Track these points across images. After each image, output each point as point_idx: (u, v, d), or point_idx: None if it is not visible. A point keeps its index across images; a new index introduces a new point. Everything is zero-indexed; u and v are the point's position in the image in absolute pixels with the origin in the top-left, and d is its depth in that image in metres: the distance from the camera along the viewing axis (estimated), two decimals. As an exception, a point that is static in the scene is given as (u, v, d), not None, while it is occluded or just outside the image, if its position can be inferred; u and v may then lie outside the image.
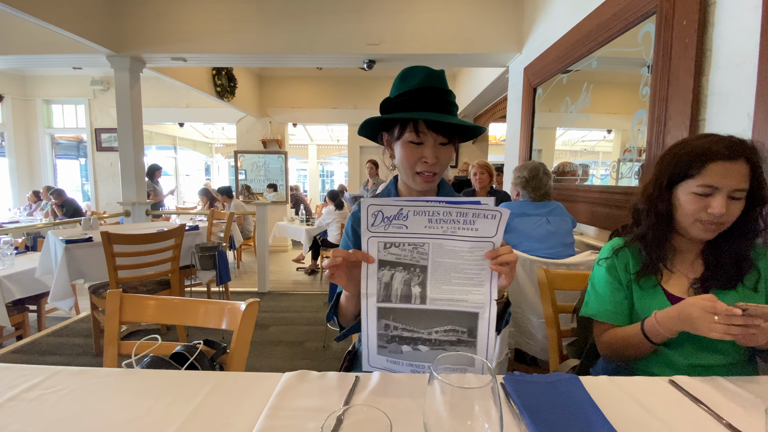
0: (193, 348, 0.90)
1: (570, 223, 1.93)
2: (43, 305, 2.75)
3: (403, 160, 0.87)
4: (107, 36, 3.33)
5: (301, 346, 2.72)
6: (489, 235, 0.68)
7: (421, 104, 0.83)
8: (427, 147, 0.84)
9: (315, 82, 6.59)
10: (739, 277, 0.86)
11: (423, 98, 0.83)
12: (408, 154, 0.86)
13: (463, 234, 0.69)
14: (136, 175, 3.75)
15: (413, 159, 0.86)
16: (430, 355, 0.73)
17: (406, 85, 0.85)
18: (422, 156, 0.85)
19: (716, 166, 0.80)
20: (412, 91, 0.83)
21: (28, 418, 0.61)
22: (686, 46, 1.39)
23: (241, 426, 0.59)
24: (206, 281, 3.24)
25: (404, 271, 0.72)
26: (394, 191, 0.99)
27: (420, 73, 0.84)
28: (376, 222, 0.71)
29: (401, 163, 0.89)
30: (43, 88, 6.58)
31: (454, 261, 0.70)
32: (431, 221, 0.69)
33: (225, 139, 10.23)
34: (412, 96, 0.83)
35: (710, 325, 0.71)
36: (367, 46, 3.36)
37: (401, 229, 0.70)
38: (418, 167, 0.87)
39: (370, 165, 5.07)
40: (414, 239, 0.71)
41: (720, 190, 0.80)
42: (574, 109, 2.34)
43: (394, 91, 0.87)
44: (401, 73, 0.87)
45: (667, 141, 1.49)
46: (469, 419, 0.44)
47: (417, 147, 0.85)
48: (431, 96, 0.83)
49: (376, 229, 0.71)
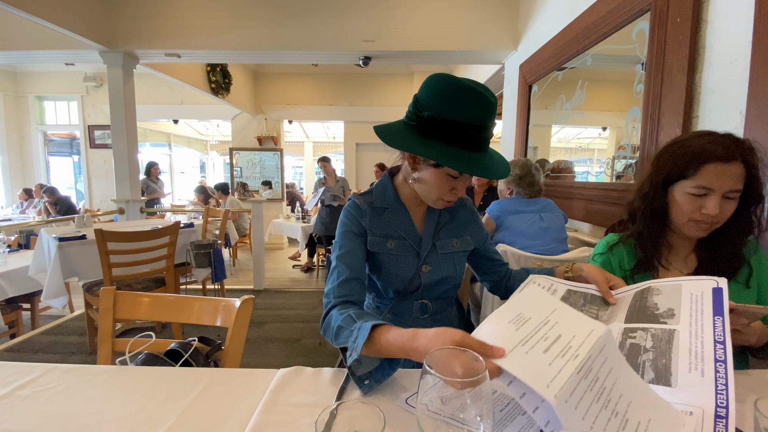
0: (188, 345, 0.90)
1: (562, 219, 1.95)
2: (36, 303, 2.73)
3: (435, 188, 0.85)
4: (100, 31, 3.29)
5: (297, 344, 2.72)
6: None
7: (475, 143, 0.77)
8: (462, 181, 0.84)
9: (310, 78, 6.56)
10: (731, 273, 0.86)
11: (478, 138, 0.77)
12: (441, 183, 0.84)
13: None
14: (130, 172, 3.72)
15: (445, 188, 0.84)
16: None
17: (461, 109, 0.74)
18: (454, 188, 0.84)
19: (712, 167, 0.80)
20: (471, 126, 0.75)
21: (21, 415, 0.61)
22: (680, 43, 1.40)
23: (235, 422, 0.59)
24: (202, 279, 3.23)
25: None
26: (392, 188, 0.96)
27: (481, 103, 0.75)
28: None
29: (429, 188, 0.86)
30: (35, 85, 6.51)
31: None
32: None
33: (220, 136, 10.18)
34: (469, 132, 0.75)
35: None
36: (363, 42, 3.35)
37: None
38: (447, 196, 0.86)
39: (377, 169, 5.22)
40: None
41: (715, 192, 0.80)
42: (569, 106, 2.35)
43: (442, 108, 0.75)
44: (453, 88, 0.75)
45: (661, 138, 1.50)
46: (461, 412, 0.45)
47: (453, 180, 0.83)
48: (484, 133, 0.77)
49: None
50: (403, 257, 0.93)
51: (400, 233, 0.94)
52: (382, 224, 0.93)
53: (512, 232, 1.88)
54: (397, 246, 0.93)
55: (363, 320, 0.70)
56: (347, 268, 0.86)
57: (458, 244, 0.98)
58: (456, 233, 0.99)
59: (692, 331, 0.61)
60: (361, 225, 0.93)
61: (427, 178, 0.85)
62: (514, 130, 3.20)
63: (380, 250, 0.92)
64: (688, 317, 0.64)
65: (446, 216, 0.99)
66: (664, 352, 0.61)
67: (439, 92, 0.76)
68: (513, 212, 1.91)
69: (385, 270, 0.94)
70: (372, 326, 0.65)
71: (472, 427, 0.45)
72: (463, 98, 0.75)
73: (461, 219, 1.02)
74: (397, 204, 0.95)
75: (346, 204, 0.96)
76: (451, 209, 1.00)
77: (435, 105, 0.76)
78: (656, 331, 0.64)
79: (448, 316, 1.02)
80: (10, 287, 2.40)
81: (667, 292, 0.70)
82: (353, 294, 0.83)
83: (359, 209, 0.94)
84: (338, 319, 0.75)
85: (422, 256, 0.94)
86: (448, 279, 0.96)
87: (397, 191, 0.96)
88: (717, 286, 0.65)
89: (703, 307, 0.63)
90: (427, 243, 0.95)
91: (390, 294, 0.97)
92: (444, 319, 1.01)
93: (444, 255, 0.96)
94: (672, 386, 0.56)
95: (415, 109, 0.80)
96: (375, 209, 0.94)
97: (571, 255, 1.76)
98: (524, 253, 1.74)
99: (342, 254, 0.88)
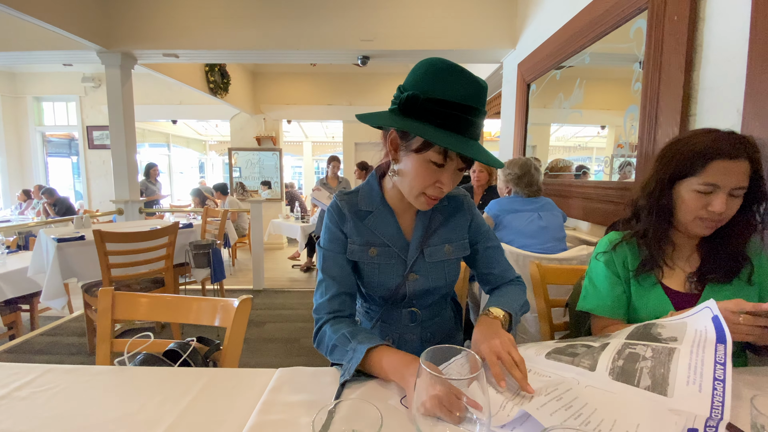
0: (186, 345, 0.90)
1: (561, 217, 1.95)
2: (35, 304, 2.73)
3: (415, 178, 0.75)
4: (97, 32, 3.29)
5: (296, 343, 2.72)
6: None
7: (460, 126, 0.68)
8: (447, 172, 0.74)
9: (309, 78, 6.55)
10: (735, 271, 0.86)
11: (464, 120, 0.68)
12: (424, 174, 0.74)
13: None
14: (128, 173, 3.71)
15: (428, 181, 0.74)
16: None
17: (445, 88, 0.68)
18: (439, 180, 0.74)
19: (719, 164, 0.80)
20: (455, 105, 0.67)
21: (20, 416, 0.61)
22: (677, 41, 1.40)
23: (233, 422, 0.59)
24: (201, 279, 3.23)
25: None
26: (378, 190, 0.88)
27: (467, 82, 0.68)
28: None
29: (410, 179, 0.76)
30: (33, 85, 6.50)
31: None
32: None
33: (219, 136, 10.17)
34: (454, 111, 0.67)
35: (734, 327, 0.68)
36: (361, 41, 3.35)
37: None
38: (430, 190, 0.76)
39: (357, 170, 4.77)
40: None
41: (721, 189, 0.80)
42: (567, 105, 2.35)
43: (425, 86, 0.69)
44: (438, 67, 0.69)
45: (659, 136, 1.50)
46: (457, 410, 0.45)
47: (437, 169, 0.73)
48: (472, 116, 0.69)
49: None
50: (386, 266, 0.86)
51: (383, 240, 0.86)
52: (365, 230, 0.86)
53: (511, 231, 1.88)
54: (380, 254, 0.86)
55: (357, 340, 0.72)
56: (334, 282, 0.83)
57: (450, 251, 0.89)
58: (449, 238, 0.89)
59: (693, 350, 0.62)
60: (342, 231, 0.87)
61: (407, 169, 0.76)
62: (513, 129, 3.20)
63: (360, 258, 0.86)
64: (690, 342, 0.64)
65: (439, 218, 0.89)
66: (663, 363, 0.61)
67: (423, 72, 0.70)
68: (511, 211, 1.91)
69: (366, 279, 0.88)
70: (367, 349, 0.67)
71: (468, 427, 0.45)
72: (448, 76, 0.68)
73: (457, 220, 0.91)
74: (383, 207, 0.87)
75: (330, 203, 0.89)
76: (446, 210, 0.91)
77: (418, 84, 0.70)
78: (657, 347, 0.65)
79: (440, 322, 0.96)
80: (9, 288, 2.40)
81: (671, 327, 0.70)
82: (344, 309, 0.83)
83: (341, 214, 0.87)
84: (332, 337, 0.77)
85: (408, 265, 0.86)
86: (438, 288, 0.89)
87: (383, 193, 0.88)
88: (712, 314, 0.65)
89: (707, 335, 0.64)
90: (415, 250, 0.86)
91: (377, 301, 0.92)
92: (435, 326, 0.95)
93: (433, 264, 0.87)
94: (668, 396, 0.56)
95: (398, 92, 0.73)
96: (358, 213, 0.86)
97: (569, 254, 1.76)
98: (523, 252, 1.74)
99: (328, 267, 0.85)
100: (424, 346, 0.93)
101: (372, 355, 0.69)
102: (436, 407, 0.47)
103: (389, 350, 0.69)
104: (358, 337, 0.73)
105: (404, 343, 0.93)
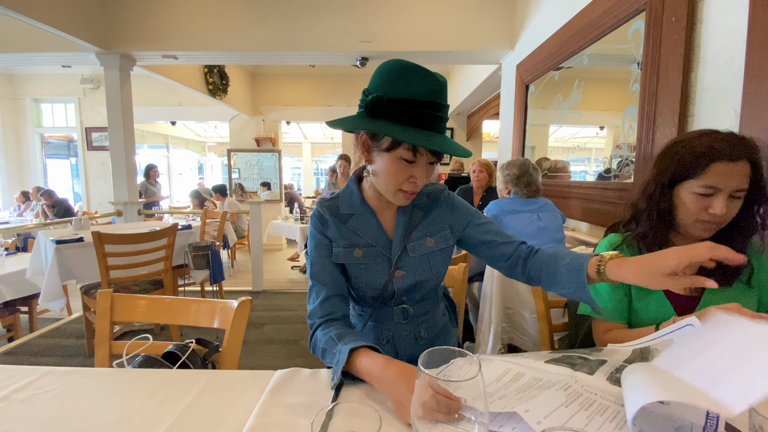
0: (185, 347, 0.90)
1: (560, 218, 1.95)
2: (34, 306, 2.72)
3: (389, 176, 0.79)
4: (96, 33, 3.28)
5: (295, 345, 2.72)
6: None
7: (425, 121, 0.73)
8: (419, 167, 0.77)
9: (308, 79, 6.56)
10: (734, 273, 0.85)
11: (428, 116, 0.72)
12: (397, 172, 0.78)
13: None
14: (127, 174, 3.71)
15: (402, 177, 0.78)
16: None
17: (406, 87, 0.72)
18: (412, 175, 0.78)
19: (719, 166, 0.79)
20: (417, 102, 0.72)
21: (19, 418, 0.61)
22: (675, 42, 1.41)
23: (232, 423, 0.59)
24: (200, 281, 3.23)
25: None
26: (358, 193, 0.90)
27: (426, 80, 0.72)
28: None
29: (384, 177, 0.80)
30: (32, 87, 6.49)
31: None
32: None
33: (218, 137, 10.17)
34: (416, 108, 0.72)
35: None
36: (360, 43, 3.35)
37: None
38: (405, 186, 0.79)
39: (343, 163, 4.11)
40: None
41: (722, 191, 0.80)
42: (566, 105, 2.36)
43: (387, 88, 0.73)
44: (398, 68, 0.73)
45: (657, 137, 1.51)
46: (456, 412, 0.45)
47: (408, 165, 0.77)
48: (435, 111, 0.73)
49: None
50: (372, 265, 0.88)
51: (367, 240, 0.88)
52: (348, 232, 0.88)
53: (510, 231, 1.87)
54: (365, 254, 0.88)
55: (343, 342, 0.73)
56: (324, 286, 0.85)
57: (433, 243, 0.90)
58: (430, 231, 0.91)
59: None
60: (326, 235, 0.89)
61: (381, 169, 0.80)
62: (512, 130, 3.21)
63: (346, 260, 0.88)
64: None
65: (419, 214, 0.92)
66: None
67: (384, 74, 0.74)
68: (511, 212, 1.91)
69: (354, 280, 0.89)
70: (350, 350, 0.70)
71: (467, 427, 0.45)
72: (407, 76, 0.72)
73: (437, 213, 0.93)
74: (363, 208, 0.89)
75: (312, 212, 0.92)
76: (424, 205, 0.93)
77: (381, 86, 0.74)
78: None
79: (432, 317, 0.98)
80: (8, 290, 2.40)
81: (662, 345, 0.69)
82: (335, 311, 0.84)
83: (323, 219, 0.89)
84: (322, 340, 0.79)
85: (394, 261, 0.88)
86: (425, 282, 0.90)
87: (362, 195, 0.90)
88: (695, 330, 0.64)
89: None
90: (398, 247, 0.88)
91: (368, 301, 0.93)
92: (428, 321, 0.96)
93: (417, 258, 0.89)
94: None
95: (363, 96, 0.77)
96: (340, 217, 0.89)
97: (568, 254, 1.76)
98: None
99: (316, 272, 0.87)
100: (419, 343, 0.94)
101: (353, 357, 0.70)
102: (434, 409, 0.47)
103: (367, 353, 0.70)
104: (344, 339, 0.74)
105: (399, 342, 0.94)
